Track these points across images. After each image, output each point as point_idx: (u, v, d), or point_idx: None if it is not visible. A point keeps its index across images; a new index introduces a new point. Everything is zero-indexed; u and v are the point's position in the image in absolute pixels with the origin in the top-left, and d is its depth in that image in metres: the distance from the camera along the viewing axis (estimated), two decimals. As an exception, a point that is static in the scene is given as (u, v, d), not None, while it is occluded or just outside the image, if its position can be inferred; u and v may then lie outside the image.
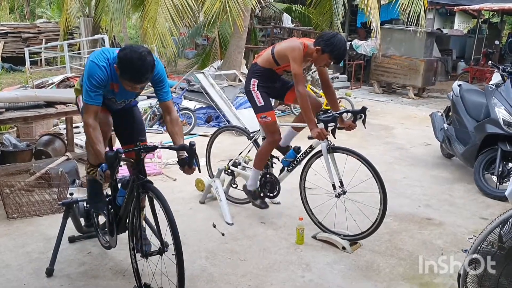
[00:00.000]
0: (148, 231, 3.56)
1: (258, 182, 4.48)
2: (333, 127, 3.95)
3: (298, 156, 4.29)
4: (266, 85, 4.23)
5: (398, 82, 12.50)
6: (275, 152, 4.52)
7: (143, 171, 3.05)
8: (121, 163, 2.99)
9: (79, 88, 3.29)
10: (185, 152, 3.06)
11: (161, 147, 3.17)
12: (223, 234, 4.17)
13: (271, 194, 4.50)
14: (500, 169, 5.29)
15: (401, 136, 8.12)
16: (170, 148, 3.17)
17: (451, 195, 5.39)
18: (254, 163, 4.41)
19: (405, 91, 12.46)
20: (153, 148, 3.10)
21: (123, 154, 2.92)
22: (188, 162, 3.07)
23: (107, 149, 3.24)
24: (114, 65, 2.96)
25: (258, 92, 4.19)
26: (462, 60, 16.66)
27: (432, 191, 5.51)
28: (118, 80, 3.06)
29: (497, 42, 15.70)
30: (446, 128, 6.30)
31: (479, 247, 2.79)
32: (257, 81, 4.21)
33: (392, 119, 9.52)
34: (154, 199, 3.00)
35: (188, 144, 3.01)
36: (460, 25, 22.77)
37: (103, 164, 2.87)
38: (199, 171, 3.16)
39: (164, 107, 3.28)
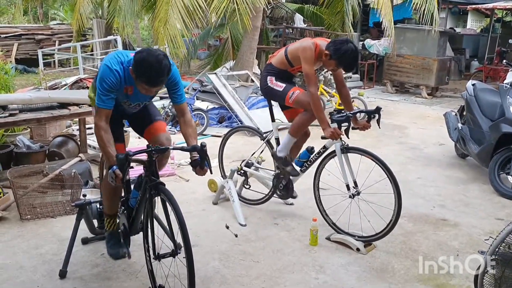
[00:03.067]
0: (161, 232, 3.55)
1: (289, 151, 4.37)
2: (346, 127, 3.92)
3: (312, 156, 4.26)
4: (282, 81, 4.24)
5: (411, 81, 12.42)
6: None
7: (155, 172, 3.04)
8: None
9: (93, 95, 3.28)
10: (197, 153, 3.05)
11: (173, 148, 3.17)
12: (236, 236, 4.15)
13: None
14: (515, 169, 5.22)
15: (415, 136, 8.04)
16: (182, 149, 3.16)
17: (466, 196, 5.32)
18: (290, 129, 4.28)
19: (418, 91, 12.35)
20: (164, 150, 3.10)
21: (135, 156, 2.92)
22: (199, 163, 3.06)
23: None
24: (130, 67, 2.95)
25: (276, 82, 4.20)
26: (475, 59, 16.50)
27: (446, 191, 5.44)
28: (132, 83, 3.05)
29: (510, 40, 15.48)
30: (460, 128, 6.22)
31: (497, 249, 2.73)
32: (273, 77, 4.23)
33: (405, 118, 9.44)
34: (166, 202, 2.99)
35: (199, 145, 3.01)
36: (473, 24, 22.55)
37: (114, 166, 2.87)
38: (211, 173, 3.16)
39: (178, 109, 3.28)
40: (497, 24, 17.55)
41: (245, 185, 4.77)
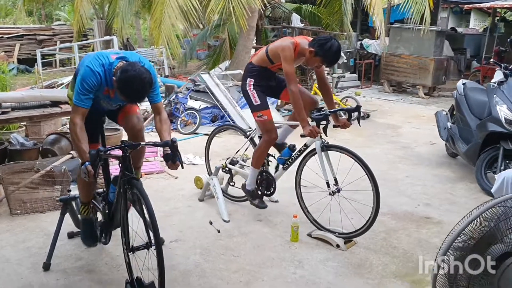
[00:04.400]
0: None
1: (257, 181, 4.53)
2: (324, 125, 3.99)
3: (293, 154, 4.33)
4: (262, 84, 4.30)
5: (408, 81, 12.41)
6: (271, 150, 4.56)
7: (129, 167, 3.13)
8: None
9: (71, 94, 3.34)
10: (168, 148, 3.15)
11: (145, 144, 3.27)
12: (218, 231, 4.23)
13: (267, 192, 4.55)
14: (502, 167, 5.23)
15: (407, 135, 8.08)
16: (154, 144, 3.27)
17: (452, 194, 5.36)
18: (251, 162, 4.46)
19: (415, 90, 12.35)
20: (136, 145, 3.19)
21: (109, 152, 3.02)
22: (171, 157, 3.14)
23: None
24: (114, 78, 3.03)
25: (254, 91, 4.26)
26: (475, 59, 16.46)
27: (433, 190, 5.48)
28: (113, 86, 3.13)
29: (510, 39, 15.46)
30: (450, 127, 6.26)
31: (452, 245, 2.61)
32: (253, 80, 4.28)
33: (400, 118, 9.47)
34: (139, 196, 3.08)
35: (170, 141, 3.11)
36: (475, 24, 22.45)
37: (86, 162, 2.96)
38: (182, 167, 3.25)
39: (155, 108, 3.40)
40: (499, 23, 17.45)
41: (230, 183, 4.84)
